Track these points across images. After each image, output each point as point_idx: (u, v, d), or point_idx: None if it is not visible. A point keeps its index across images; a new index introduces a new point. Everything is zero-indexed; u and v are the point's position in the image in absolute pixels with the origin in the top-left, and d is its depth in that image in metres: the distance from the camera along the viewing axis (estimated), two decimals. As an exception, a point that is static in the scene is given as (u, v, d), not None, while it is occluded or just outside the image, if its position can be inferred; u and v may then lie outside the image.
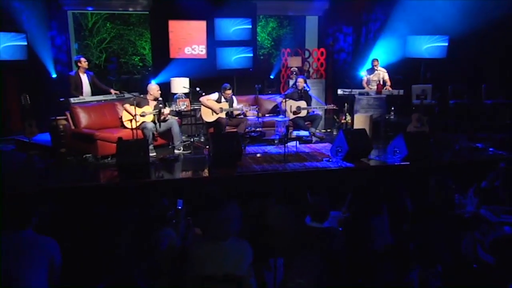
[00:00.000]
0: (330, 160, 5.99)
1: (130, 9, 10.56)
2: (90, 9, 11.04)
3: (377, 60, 8.71)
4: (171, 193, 4.04)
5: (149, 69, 13.18)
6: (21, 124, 8.05)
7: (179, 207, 3.42)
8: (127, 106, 6.31)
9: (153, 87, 6.52)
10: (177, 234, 3.27)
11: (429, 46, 9.01)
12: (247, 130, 6.96)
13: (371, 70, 8.73)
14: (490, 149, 6.70)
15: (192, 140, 7.20)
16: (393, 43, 9.38)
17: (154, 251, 3.11)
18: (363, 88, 8.62)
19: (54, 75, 8.76)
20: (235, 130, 6.90)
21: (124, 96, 7.32)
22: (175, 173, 5.79)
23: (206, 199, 3.59)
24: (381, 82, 8.49)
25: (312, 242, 3.15)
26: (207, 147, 6.69)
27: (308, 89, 7.65)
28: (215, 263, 2.96)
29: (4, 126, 7.72)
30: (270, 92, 9.79)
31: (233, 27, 9.69)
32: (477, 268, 3.67)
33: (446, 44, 8.91)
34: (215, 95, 7.09)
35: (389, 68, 8.70)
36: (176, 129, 6.58)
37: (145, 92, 6.65)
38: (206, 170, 5.65)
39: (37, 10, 8.89)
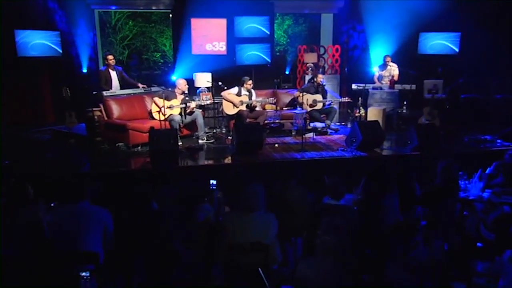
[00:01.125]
0: (345, 149, 6.40)
1: (153, 8, 11.05)
2: (115, 7, 11.54)
3: (389, 56, 9.03)
4: (204, 176, 4.51)
5: (169, 65, 13.72)
6: (54, 116, 8.69)
7: (213, 187, 3.88)
8: (156, 99, 6.79)
9: (181, 82, 7.00)
10: (212, 209, 3.73)
11: (441, 42, 9.31)
12: (266, 122, 7.39)
13: (383, 66, 9.05)
14: (498, 141, 7.01)
15: (214, 131, 7.67)
16: (406, 40, 9.67)
17: (192, 223, 3.58)
18: (375, 83, 8.97)
19: (85, 70, 9.30)
20: (255, 122, 7.33)
21: (151, 90, 7.83)
22: (203, 160, 6.25)
23: (235, 177, 4.05)
24: (392, 78, 8.83)
25: (329, 216, 3.57)
26: (229, 137, 7.16)
27: (324, 84, 8.04)
28: (245, 233, 3.40)
29: (39, 117, 8.29)
30: (286, 87, 10.19)
31: (251, 24, 10.10)
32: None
33: (458, 40, 9.20)
34: (235, 89, 7.54)
35: (402, 64, 9.00)
36: (200, 120, 7.06)
37: (166, 86, 7.11)
38: (230, 158, 6.11)
39: (68, 9, 9.45)
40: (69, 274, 3.16)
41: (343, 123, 8.78)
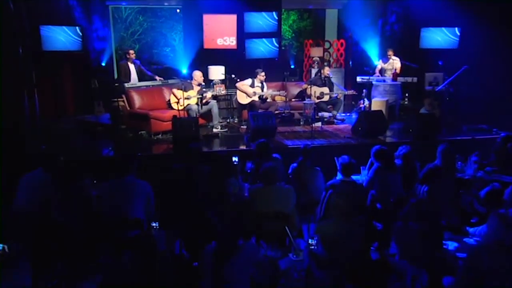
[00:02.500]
0: (352, 137, 6.90)
1: (165, 4, 11.51)
2: (125, 3, 12.00)
3: (392, 50, 9.48)
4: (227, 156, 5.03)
5: (178, 59, 14.17)
6: (74, 107, 9.18)
7: (235, 163, 4.42)
8: (175, 90, 7.29)
9: (198, 74, 7.50)
10: (237, 182, 4.26)
11: (441, 37, 9.75)
12: (277, 112, 7.89)
13: (386, 59, 9.52)
14: (494, 129, 7.52)
15: (228, 121, 8.17)
16: (408, 35, 10.12)
17: (223, 195, 4.10)
18: (377, 75, 9.43)
19: (103, 64, 9.80)
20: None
21: (168, 82, 8.33)
22: (220, 146, 6.76)
23: (257, 151, 4.59)
24: (395, 71, 9.30)
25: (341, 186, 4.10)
26: (242, 126, 7.67)
27: (331, 76, 8.53)
28: (268, 202, 3.91)
29: (61, 109, 8.79)
30: (293, 80, 10.66)
31: (260, 20, 10.55)
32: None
33: (458, 35, 9.65)
34: (248, 81, 8.03)
35: (405, 58, 9.46)
36: (215, 110, 7.57)
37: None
38: (245, 144, 6.62)
39: (85, 5, 9.93)
40: (118, 238, 3.69)
41: (348, 114, 9.27)
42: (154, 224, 3.36)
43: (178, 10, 14.07)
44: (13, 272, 2.36)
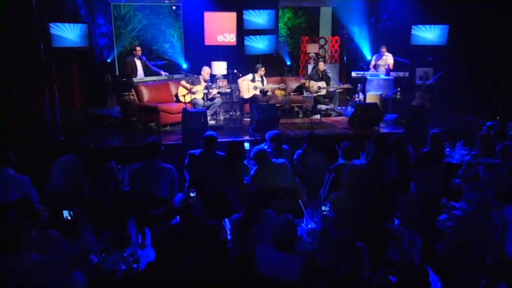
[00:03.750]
0: (348, 128, 7.39)
1: (166, 1, 11.87)
2: (125, 1, 12.32)
3: (385, 46, 9.97)
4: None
5: (176, 55, 14.53)
6: (82, 101, 9.55)
7: (247, 148, 4.89)
8: (183, 82, 7.71)
9: (206, 70, 7.94)
10: (248, 166, 4.73)
11: (430, 34, 10.25)
12: (278, 105, 8.35)
13: (380, 55, 10.01)
14: (480, 120, 8.06)
15: (231, 114, 8.61)
16: (399, 32, 10.62)
17: (236, 178, 4.56)
18: (370, 69, 9.92)
19: (108, 60, 10.16)
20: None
21: (173, 76, 8.73)
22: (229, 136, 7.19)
23: (272, 141, 5.05)
24: (388, 67, 9.80)
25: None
26: (244, 119, 8.12)
27: (328, 71, 9.01)
28: (267, 181, 4.28)
29: (69, 102, 9.17)
30: (290, 75, 11.12)
31: (258, 18, 10.98)
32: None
33: (446, 32, 10.17)
34: (250, 76, 8.48)
35: (397, 54, 9.96)
36: (219, 103, 8.01)
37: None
38: (250, 134, 7.07)
39: (89, 3, 10.28)
40: (145, 215, 4.13)
41: (343, 107, 9.75)
42: (192, 194, 3.81)
43: (174, 7, 14.43)
44: (81, 232, 2.78)
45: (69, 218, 3.02)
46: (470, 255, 3.15)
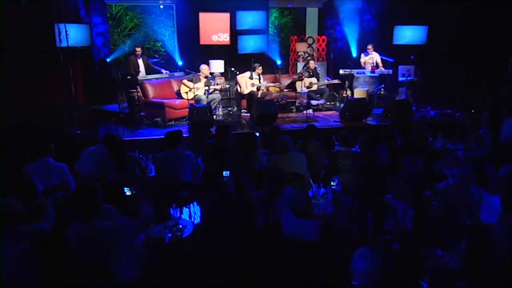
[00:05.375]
0: (340, 121, 8.07)
1: (160, 1, 12.32)
2: (126, 2, 12.72)
3: (371, 45, 10.68)
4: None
5: (168, 53, 14.96)
6: (84, 98, 9.94)
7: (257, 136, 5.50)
8: (185, 81, 8.24)
9: (205, 67, 8.48)
10: (259, 154, 5.34)
11: (411, 34, 11.01)
12: (274, 100, 8.96)
13: (367, 54, 10.72)
14: (457, 114, 8.87)
15: (230, 109, 9.19)
16: (383, 31, 11.37)
17: (248, 164, 5.15)
18: (362, 67, 10.62)
19: (108, 59, 10.58)
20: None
21: (174, 74, 9.24)
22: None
23: (271, 133, 5.66)
24: (375, 64, 10.53)
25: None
26: (242, 114, 8.70)
27: (319, 69, 9.68)
28: (286, 166, 4.94)
29: (74, 99, 9.55)
30: (280, 72, 11.73)
31: (250, 18, 11.54)
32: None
33: (426, 32, 10.95)
34: (248, 73, 9.07)
35: (381, 52, 10.70)
36: (218, 99, 8.58)
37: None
38: (250, 127, 7.67)
39: (88, 4, 10.66)
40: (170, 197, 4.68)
41: (332, 102, 10.44)
42: (225, 174, 4.38)
43: (161, 6, 14.88)
44: (143, 205, 3.31)
45: (129, 193, 3.56)
46: (453, 219, 3.83)
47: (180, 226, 3.58)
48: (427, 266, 3.03)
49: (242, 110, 9.16)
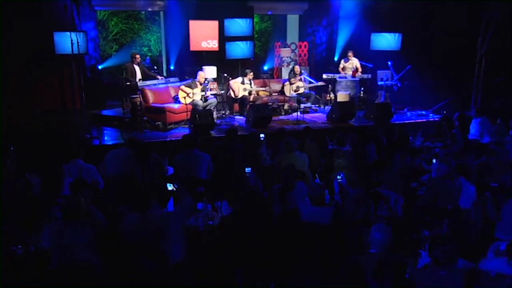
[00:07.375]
0: (327, 122, 8.80)
1: (149, 9, 12.76)
2: (116, 8, 13.07)
3: (351, 51, 11.46)
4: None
5: (155, 58, 15.38)
6: (81, 104, 10.29)
7: (262, 139, 6.14)
8: (183, 87, 8.77)
9: (201, 74, 9.03)
10: (265, 152, 5.99)
11: (386, 41, 11.86)
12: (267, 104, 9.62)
13: (347, 59, 11.50)
14: (430, 114, 9.79)
15: (222, 113, 9.79)
16: (362, 38, 12.20)
17: (254, 163, 5.78)
18: (339, 72, 11.39)
19: (100, 67, 10.97)
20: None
21: (169, 80, 9.74)
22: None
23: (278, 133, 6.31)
24: (355, 69, 11.33)
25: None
26: (236, 117, 9.31)
27: (305, 73, 10.41)
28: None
29: (71, 104, 9.91)
30: (265, 77, 12.40)
31: (237, 25, 12.14)
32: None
33: (400, 39, 11.83)
34: (239, 79, 9.69)
35: (360, 58, 11.51)
36: (215, 103, 9.17)
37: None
38: (246, 129, 8.28)
39: (82, 11, 10.99)
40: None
41: (317, 105, 11.17)
42: (247, 170, 4.99)
43: (143, 12, 15.32)
44: (185, 197, 3.88)
45: (173, 189, 4.14)
46: (437, 205, 4.60)
47: (210, 215, 4.19)
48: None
49: (235, 114, 9.76)
